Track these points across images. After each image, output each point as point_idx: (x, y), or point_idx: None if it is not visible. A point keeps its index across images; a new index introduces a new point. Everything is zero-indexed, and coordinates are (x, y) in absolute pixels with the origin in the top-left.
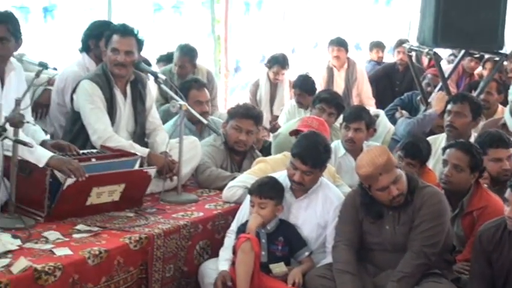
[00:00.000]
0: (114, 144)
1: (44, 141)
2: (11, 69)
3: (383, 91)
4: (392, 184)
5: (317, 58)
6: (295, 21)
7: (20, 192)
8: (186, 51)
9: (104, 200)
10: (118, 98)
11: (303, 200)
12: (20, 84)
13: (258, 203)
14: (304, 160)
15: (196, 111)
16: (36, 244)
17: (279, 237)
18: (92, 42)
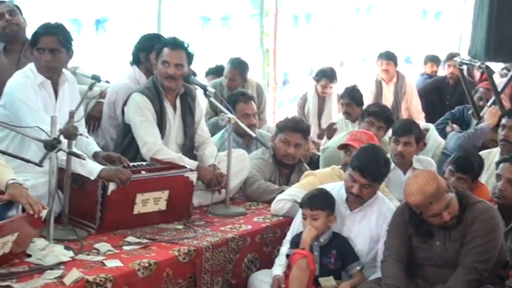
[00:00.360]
0: (163, 156)
1: (96, 153)
2: (64, 81)
3: (433, 105)
4: (444, 210)
5: (366, 72)
6: (343, 35)
7: (73, 204)
8: (237, 64)
9: (150, 209)
10: (168, 111)
11: (357, 212)
12: (73, 96)
13: (310, 215)
14: (364, 173)
15: (244, 123)
16: (88, 256)
17: (332, 250)
18: (142, 55)
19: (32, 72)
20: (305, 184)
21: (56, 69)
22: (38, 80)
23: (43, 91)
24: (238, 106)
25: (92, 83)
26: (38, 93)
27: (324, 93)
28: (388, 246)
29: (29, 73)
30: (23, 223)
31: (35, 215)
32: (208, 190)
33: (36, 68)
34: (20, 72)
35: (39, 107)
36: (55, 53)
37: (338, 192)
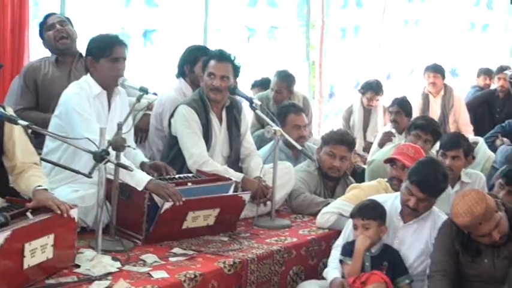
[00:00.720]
0: (209, 168)
1: (142, 163)
2: (117, 93)
3: (481, 118)
4: (494, 229)
5: (412, 84)
6: (391, 47)
7: (120, 215)
8: (284, 76)
9: (199, 224)
10: (214, 123)
11: (411, 225)
12: (123, 109)
13: (361, 225)
14: (422, 188)
15: (294, 135)
16: (135, 267)
17: (383, 262)
18: (186, 67)
19: (87, 83)
20: (351, 197)
21: (118, 79)
22: (94, 92)
23: (97, 102)
24: (289, 117)
25: (140, 94)
26: (92, 104)
27: (369, 106)
28: (434, 262)
29: (84, 84)
30: (55, 223)
31: (63, 214)
32: (253, 202)
33: (108, 78)
34: (76, 84)
35: (93, 117)
36: (123, 62)
37: (392, 203)
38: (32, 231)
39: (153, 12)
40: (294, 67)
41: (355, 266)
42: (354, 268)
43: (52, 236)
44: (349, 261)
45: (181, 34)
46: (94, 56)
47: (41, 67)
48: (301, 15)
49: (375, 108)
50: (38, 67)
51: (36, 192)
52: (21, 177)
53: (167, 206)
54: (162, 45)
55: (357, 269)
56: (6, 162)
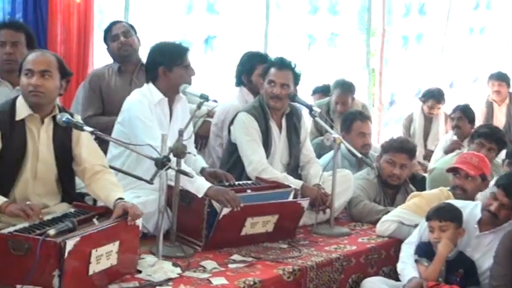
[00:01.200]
0: (268, 175)
1: (203, 169)
2: (178, 100)
3: None
4: None
5: (476, 93)
6: (454, 55)
7: (180, 221)
8: (347, 88)
9: (258, 231)
10: (273, 130)
11: (487, 235)
12: (184, 115)
13: (439, 227)
14: (508, 193)
15: (359, 143)
16: (195, 273)
17: (459, 269)
18: (244, 77)
19: (149, 91)
20: (411, 205)
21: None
22: (155, 99)
23: (158, 109)
24: (355, 125)
25: (200, 102)
26: (153, 112)
27: (430, 114)
28: (495, 275)
29: (146, 92)
30: (120, 230)
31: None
32: (312, 210)
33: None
34: (138, 91)
35: (155, 124)
36: (191, 69)
37: (471, 212)
38: (99, 238)
39: (214, 19)
40: (353, 75)
41: (435, 270)
42: (433, 272)
43: (117, 242)
44: (426, 262)
45: (242, 41)
46: (167, 65)
47: (104, 74)
48: (361, 23)
49: (436, 116)
50: (102, 74)
51: (118, 205)
52: (95, 183)
53: (225, 212)
54: (223, 52)
55: (436, 273)
56: (76, 167)
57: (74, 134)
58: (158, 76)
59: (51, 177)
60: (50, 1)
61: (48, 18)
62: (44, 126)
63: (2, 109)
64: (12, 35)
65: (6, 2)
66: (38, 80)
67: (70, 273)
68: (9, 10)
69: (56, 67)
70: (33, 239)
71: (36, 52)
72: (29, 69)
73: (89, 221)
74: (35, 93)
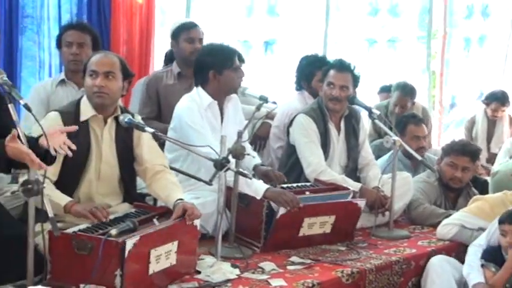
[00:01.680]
0: (327, 177)
1: (255, 166)
2: (228, 101)
3: None
4: None
5: None
6: None
7: (239, 222)
8: (408, 91)
9: (315, 232)
10: (332, 133)
11: None
12: (236, 114)
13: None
14: None
15: (413, 146)
16: (253, 274)
17: None
18: (304, 83)
19: (198, 95)
20: (474, 209)
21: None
22: (205, 103)
23: (209, 113)
24: (408, 128)
25: (260, 103)
26: (204, 116)
27: (494, 117)
28: None
29: (195, 96)
30: (179, 230)
31: (187, 220)
32: (371, 212)
33: (232, 88)
34: (187, 96)
35: (207, 130)
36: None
37: None
38: (158, 238)
39: (274, 22)
40: (413, 77)
41: (503, 276)
42: (501, 278)
43: (176, 242)
44: (493, 268)
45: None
46: (217, 69)
47: (163, 77)
48: (422, 25)
49: (500, 119)
50: (161, 77)
51: (178, 205)
52: (156, 182)
53: (283, 211)
54: (283, 54)
55: (504, 280)
56: (137, 167)
57: (135, 135)
58: (208, 80)
59: (113, 178)
60: (113, 2)
61: (111, 19)
62: (107, 127)
63: (68, 110)
64: (79, 36)
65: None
66: (102, 81)
67: (131, 273)
68: (75, 11)
69: (119, 68)
70: (96, 239)
71: (100, 53)
72: (93, 70)
73: (149, 221)
74: (99, 94)
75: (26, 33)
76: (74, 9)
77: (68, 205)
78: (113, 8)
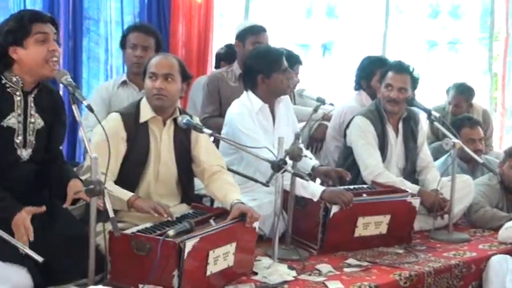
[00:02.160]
0: (384, 180)
1: (314, 167)
2: (279, 102)
3: None
4: None
5: None
6: None
7: (296, 224)
8: (462, 90)
9: (371, 232)
10: (390, 135)
11: None
12: (288, 115)
13: None
14: None
15: (469, 149)
16: (310, 276)
17: None
18: (363, 82)
19: (249, 99)
20: None
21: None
22: (256, 107)
23: (260, 116)
24: (463, 131)
25: (317, 105)
26: (255, 120)
27: None
28: None
29: (246, 101)
30: (237, 232)
31: (247, 222)
32: (430, 215)
33: (281, 90)
34: (238, 101)
35: (259, 134)
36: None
37: None
38: (217, 239)
39: (333, 24)
40: (474, 79)
41: None
42: None
43: (234, 244)
44: None
45: (361, 45)
46: (265, 73)
47: (223, 77)
48: (484, 27)
49: None
50: (221, 77)
51: (235, 206)
52: (213, 183)
53: (335, 210)
54: (341, 56)
55: None
56: (195, 167)
57: (192, 136)
58: (257, 84)
59: (171, 179)
60: (172, 5)
61: (171, 22)
62: (166, 128)
63: (128, 111)
64: (144, 39)
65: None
66: (162, 83)
67: (189, 274)
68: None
69: (178, 71)
70: (154, 240)
71: (159, 56)
72: (153, 72)
73: (206, 222)
74: (158, 97)
75: (88, 35)
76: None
77: (131, 199)
78: (172, 10)
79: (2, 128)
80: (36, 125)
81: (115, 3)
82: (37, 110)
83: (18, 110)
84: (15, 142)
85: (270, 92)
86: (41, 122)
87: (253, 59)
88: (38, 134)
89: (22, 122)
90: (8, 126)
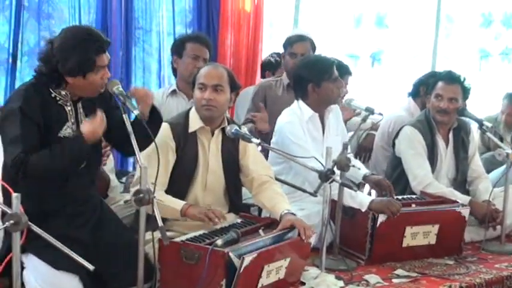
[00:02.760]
0: (434, 190)
1: (365, 176)
2: (329, 111)
3: None
4: None
5: None
6: None
7: (343, 234)
8: None
9: (420, 242)
10: (439, 145)
11: None
12: (338, 124)
13: None
14: None
15: None
16: (358, 286)
17: None
18: (422, 88)
19: (299, 108)
20: None
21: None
22: (306, 116)
23: (310, 125)
24: None
25: (366, 115)
26: (305, 129)
27: None
28: None
29: (296, 110)
30: (293, 248)
31: (305, 239)
32: (481, 226)
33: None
34: (288, 110)
35: (308, 144)
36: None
37: None
38: (274, 254)
39: (383, 33)
40: None
41: None
42: None
43: (288, 259)
44: None
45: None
46: (316, 82)
47: (272, 87)
48: None
49: None
50: (269, 86)
51: (285, 215)
52: (262, 193)
53: (382, 219)
54: (390, 66)
55: None
56: (243, 177)
57: (241, 145)
58: (307, 93)
59: (219, 188)
60: (221, 14)
61: (220, 31)
62: (214, 138)
63: (177, 121)
64: (205, 52)
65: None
66: (211, 94)
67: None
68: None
69: (227, 81)
70: (203, 248)
71: (209, 66)
72: (202, 83)
73: (254, 232)
74: (207, 107)
75: (139, 44)
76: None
77: (184, 208)
78: (221, 19)
79: (60, 139)
80: None
81: (167, 13)
82: (86, 115)
83: (71, 119)
84: None
85: (320, 101)
86: None
87: (303, 67)
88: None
89: (76, 130)
90: (64, 137)
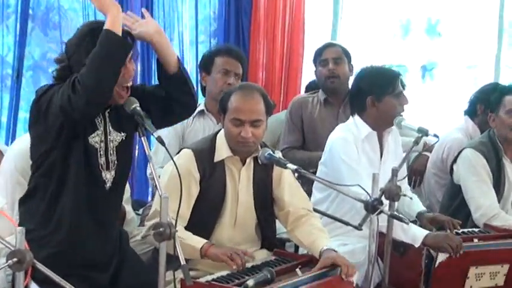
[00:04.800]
0: (500, 223)
1: (420, 214)
2: (389, 132)
3: None
4: None
5: None
6: None
7: (393, 273)
8: None
9: (485, 284)
10: (507, 170)
11: None
12: (397, 149)
13: None
14: None
15: None
16: None
17: None
18: (480, 107)
19: (355, 125)
20: None
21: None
22: (363, 134)
23: (366, 145)
24: None
25: (418, 136)
26: (360, 149)
27: None
28: None
29: (352, 126)
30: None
31: (346, 277)
32: None
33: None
34: (343, 126)
35: (361, 166)
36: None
37: None
38: None
39: (435, 43)
40: None
41: None
42: None
43: None
44: None
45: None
46: (376, 95)
47: (308, 103)
48: None
49: None
50: (305, 102)
51: (326, 251)
52: (299, 228)
53: (442, 258)
54: (445, 79)
55: None
56: (278, 210)
57: (275, 174)
58: (366, 107)
59: (251, 223)
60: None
61: (250, 41)
62: (245, 167)
63: (202, 147)
64: (237, 66)
65: (211, 24)
66: (249, 130)
67: None
68: (214, 29)
69: (264, 112)
70: None
71: (243, 95)
72: (239, 119)
73: (291, 271)
74: (244, 144)
75: None
76: (211, 29)
77: (204, 247)
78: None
79: (87, 145)
80: (115, 143)
81: (190, 22)
82: (114, 123)
83: (100, 127)
84: (99, 164)
85: (380, 117)
86: (119, 137)
87: (363, 78)
88: (118, 152)
89: (104, 140)
90: (91, 144)
